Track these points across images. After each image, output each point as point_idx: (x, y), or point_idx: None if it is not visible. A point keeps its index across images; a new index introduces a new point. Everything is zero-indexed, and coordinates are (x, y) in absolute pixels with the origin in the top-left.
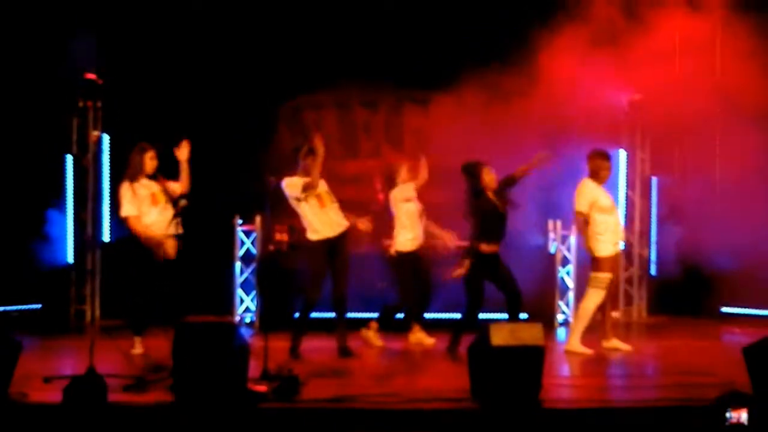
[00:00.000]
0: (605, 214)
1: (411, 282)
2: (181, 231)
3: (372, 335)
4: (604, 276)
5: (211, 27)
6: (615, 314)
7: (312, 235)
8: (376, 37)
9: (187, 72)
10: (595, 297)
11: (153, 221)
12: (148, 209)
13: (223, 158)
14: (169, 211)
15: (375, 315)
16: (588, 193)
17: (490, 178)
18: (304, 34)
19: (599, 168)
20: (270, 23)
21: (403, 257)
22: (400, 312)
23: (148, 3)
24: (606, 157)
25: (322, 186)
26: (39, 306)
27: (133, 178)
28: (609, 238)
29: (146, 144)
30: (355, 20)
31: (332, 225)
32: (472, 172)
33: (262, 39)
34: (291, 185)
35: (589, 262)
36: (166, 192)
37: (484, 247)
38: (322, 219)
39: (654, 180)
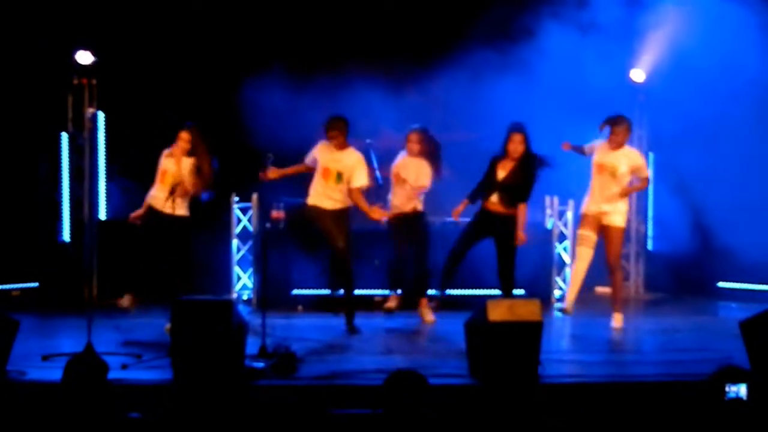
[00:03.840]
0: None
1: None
2: (180, 213)
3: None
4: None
5: (207, 3)
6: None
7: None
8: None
9: (182, 48)
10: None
11: (153, 195)
12: (156, 183)
13: (218, 135)
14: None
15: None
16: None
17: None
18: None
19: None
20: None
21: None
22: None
23: None
24: (615, 121)
25: (335, 163)
26: (36, 284)
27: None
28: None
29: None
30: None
31: (317, 196)
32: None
33: (258, 13)
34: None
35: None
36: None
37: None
38: (315, 187)
39: (651, 156)
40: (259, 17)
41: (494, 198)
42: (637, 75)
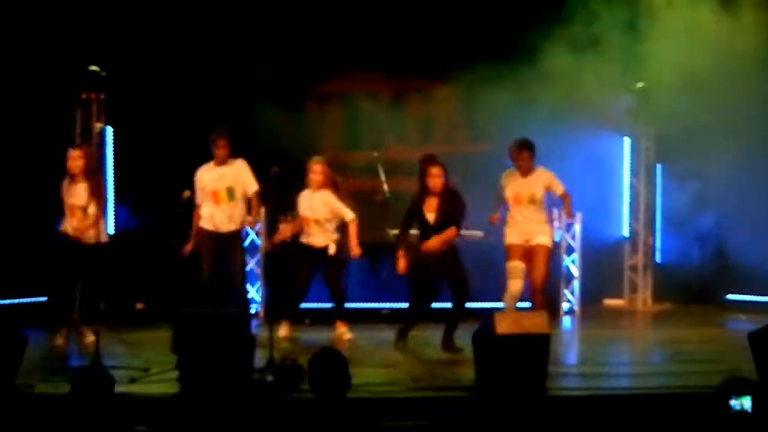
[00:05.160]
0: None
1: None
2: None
3: None
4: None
5: (214, 18)
6: (620, 302)
7: None
8: (379, 26)
9: (190, 63)
10: None
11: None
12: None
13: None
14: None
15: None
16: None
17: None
18: (307, 25)
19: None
20: (273, 15)
21: None
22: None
23: None
24: (514, 148)
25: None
26: (44, 299)
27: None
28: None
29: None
30: (359, 10)
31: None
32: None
33: (266, 30)
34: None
35: (592, 251)
36: None
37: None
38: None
39: (659, 167)
40: (266, 30)
41: (431, 243)
42: (642, 88)
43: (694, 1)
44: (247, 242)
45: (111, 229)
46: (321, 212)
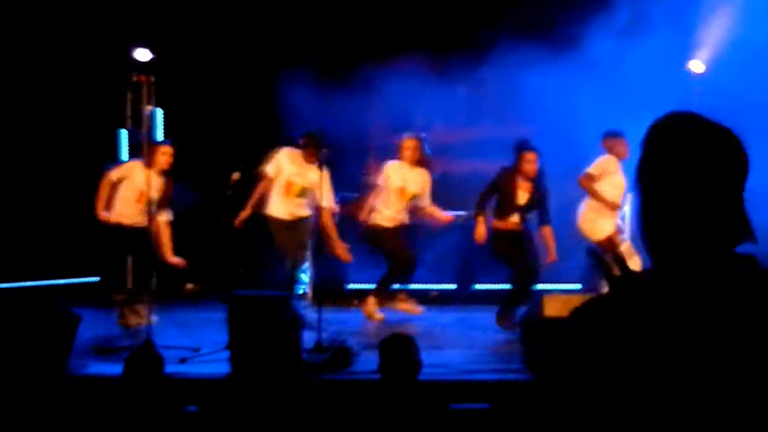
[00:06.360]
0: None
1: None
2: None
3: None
4: None
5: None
6: None
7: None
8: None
9: (238, 44)
10: None
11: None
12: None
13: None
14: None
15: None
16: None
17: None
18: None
19: (612, 146)
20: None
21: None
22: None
23: None
24: (616, 135)
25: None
26: (97, 279)
27: None
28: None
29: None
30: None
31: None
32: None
33: (311, 10)
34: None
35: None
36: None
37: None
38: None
39: None
40: (310, 12)
41: (515, 218)
42: (696, 66)
43: None
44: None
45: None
46: (419, 187)
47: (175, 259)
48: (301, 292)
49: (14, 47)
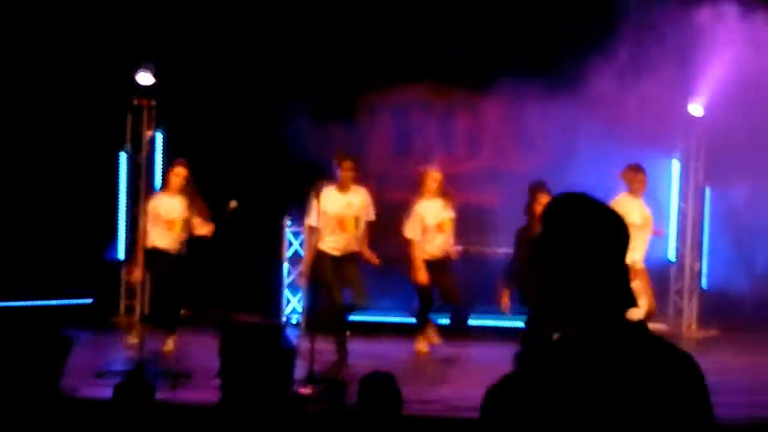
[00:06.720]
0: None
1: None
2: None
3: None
4: None
5: (266, 25)
6: (664, 327)
7: None
8: (429, 37)
9: (242, 70)
10: None
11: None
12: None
13: (272, 158)
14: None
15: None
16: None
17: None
18: (358, 35)
19: (631, 181)
20: (325, 23)
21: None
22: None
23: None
24: (637, 169)
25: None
26: (90, 300)
27: None
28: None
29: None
30: (410, 21)
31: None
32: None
33: (319, 40)
34: None
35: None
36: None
37: None
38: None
39: (707, 191)
40: (318, 38)
41: None
42: (696, 110)
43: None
44: (290, 252)
45: None
46: (446, 216)
47: (204, 230)
48: (294, 321)
49: (16, 70)
